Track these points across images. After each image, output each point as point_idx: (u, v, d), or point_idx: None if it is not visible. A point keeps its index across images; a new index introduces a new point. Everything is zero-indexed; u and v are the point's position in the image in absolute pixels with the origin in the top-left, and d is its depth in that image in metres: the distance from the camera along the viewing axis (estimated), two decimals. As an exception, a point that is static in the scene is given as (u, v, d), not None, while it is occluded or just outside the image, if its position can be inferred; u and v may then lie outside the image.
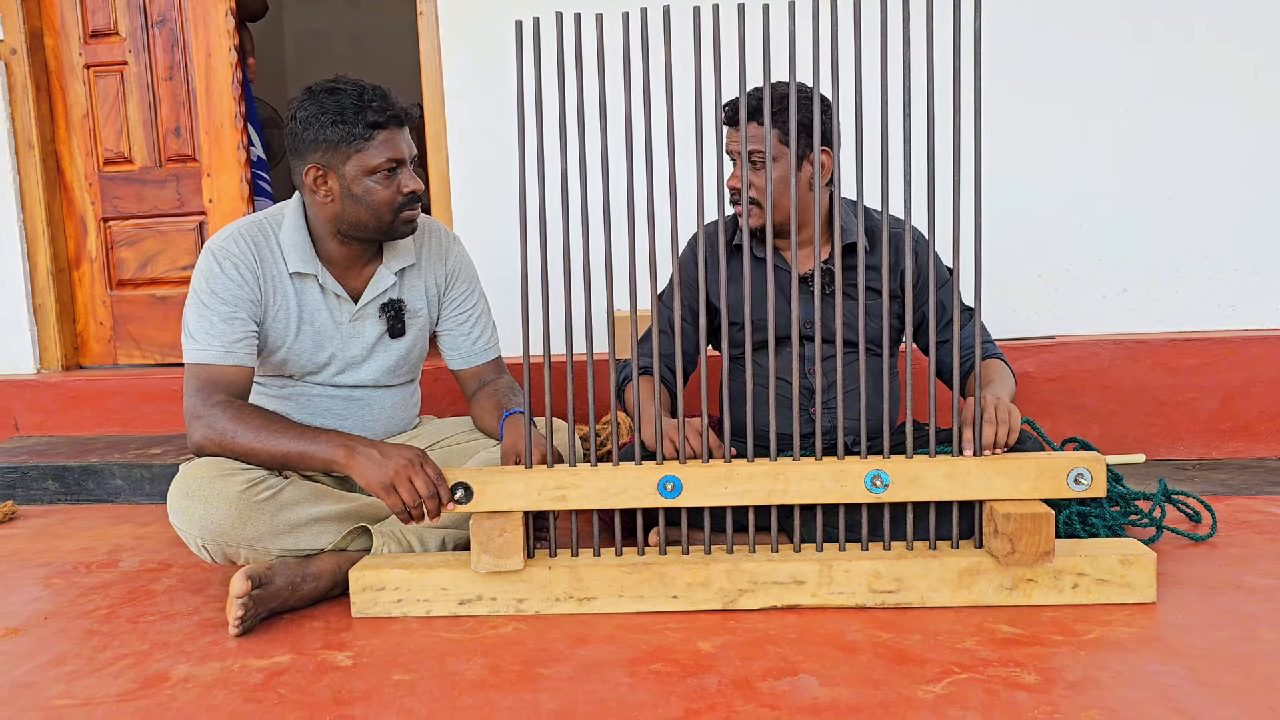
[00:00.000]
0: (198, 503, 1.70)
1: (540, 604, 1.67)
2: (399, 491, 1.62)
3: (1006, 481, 1.63)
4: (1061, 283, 2.75)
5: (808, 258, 1.99)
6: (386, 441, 1.69)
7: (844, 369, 1.85)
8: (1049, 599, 1.61)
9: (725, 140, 1.67)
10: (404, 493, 1.62)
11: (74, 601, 1.85)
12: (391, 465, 1.62)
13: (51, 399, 3.06)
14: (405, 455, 1.64)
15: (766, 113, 1.63)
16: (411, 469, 1.62)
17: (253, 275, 1.84)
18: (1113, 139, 2.72)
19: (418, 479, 1.61)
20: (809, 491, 1.65)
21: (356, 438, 1.70)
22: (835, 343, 1.68)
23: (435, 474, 1.63)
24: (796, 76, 1.71)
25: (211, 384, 1.78)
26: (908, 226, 1.63)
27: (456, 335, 2.07)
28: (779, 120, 1.81)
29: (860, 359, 1.67)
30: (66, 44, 3.25)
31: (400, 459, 1.63)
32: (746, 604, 1.64)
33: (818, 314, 1.79)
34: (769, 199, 1.82)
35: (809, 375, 1.97)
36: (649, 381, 1.96)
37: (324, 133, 1.78)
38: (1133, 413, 2.57)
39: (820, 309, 1.65)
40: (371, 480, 1.63)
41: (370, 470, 1.63)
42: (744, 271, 1.65)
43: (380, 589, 1.68)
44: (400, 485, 1.61)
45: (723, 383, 1.70)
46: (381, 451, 1.65)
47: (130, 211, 3.28)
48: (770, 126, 1.66)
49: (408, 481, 1.61)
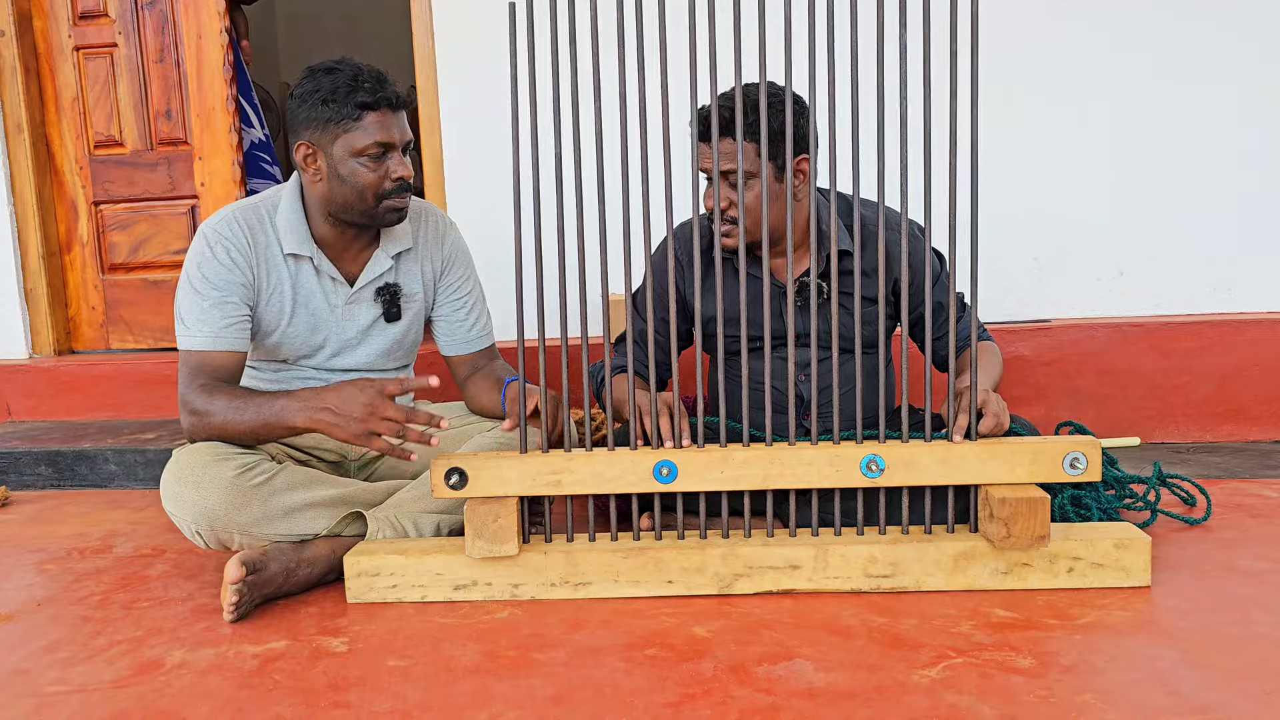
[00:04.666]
0: (191, 488, 1.69)
1: (536, 589, 1.66)
2: (379, 431, 1.62)
3: (1002, 466, 1.62)
4: (1057, 266, 2.74)
5: (798, 263, 1.94)
6: (334, 387, 1.67)
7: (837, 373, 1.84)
8: (1044, 583, 1.61)
9: (698, 157, 1.63)
10: (384, 429, 1.62)
11: (67, 587, 1.85)
12: (356, 413, 1.63)
13: (44, 384, 3.05)
14: (361, 399, 1.64)
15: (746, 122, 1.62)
16: (376, 407, 1.63)
17: (245, 259, 1.83)
18: (1109, 122, 2.71)
19: (388, 410, 1.62)
20: (805, 476, 1.64)
21: (308, 394, 1.70)
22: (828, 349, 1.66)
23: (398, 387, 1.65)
24: (793, 61, 1.69)
25: (199, 369, 1.78)
26: (905, 226, 1.62)
27: (451, 322, 2.07)
28: (752, 133, 1.74)
29: (856, 363, 1.66)
30: (55, 26, 3.22)
31: (359, 405, 1.63)
32: (742, 589, 1.64)
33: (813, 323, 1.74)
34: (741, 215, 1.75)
35: (801, 383, 1.95)
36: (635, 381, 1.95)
37: (315, 111, 1.78)
38: (1128, 396, 2.57)
39: (812, 319, 1.63)
40: (346, 435, 1.64)
41: (338, 427, 1.65)
42: (726, 284, 1.64)
43: (375, 574, 1.67)
44: (376, 426, 1.62)
45: (715, 378, 1.69)
46: (335, 406, 1.65)
47: (121, 195, 3.26)
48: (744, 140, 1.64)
49: (380, 421, 1.62)
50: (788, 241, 1.71)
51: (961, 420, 1.65)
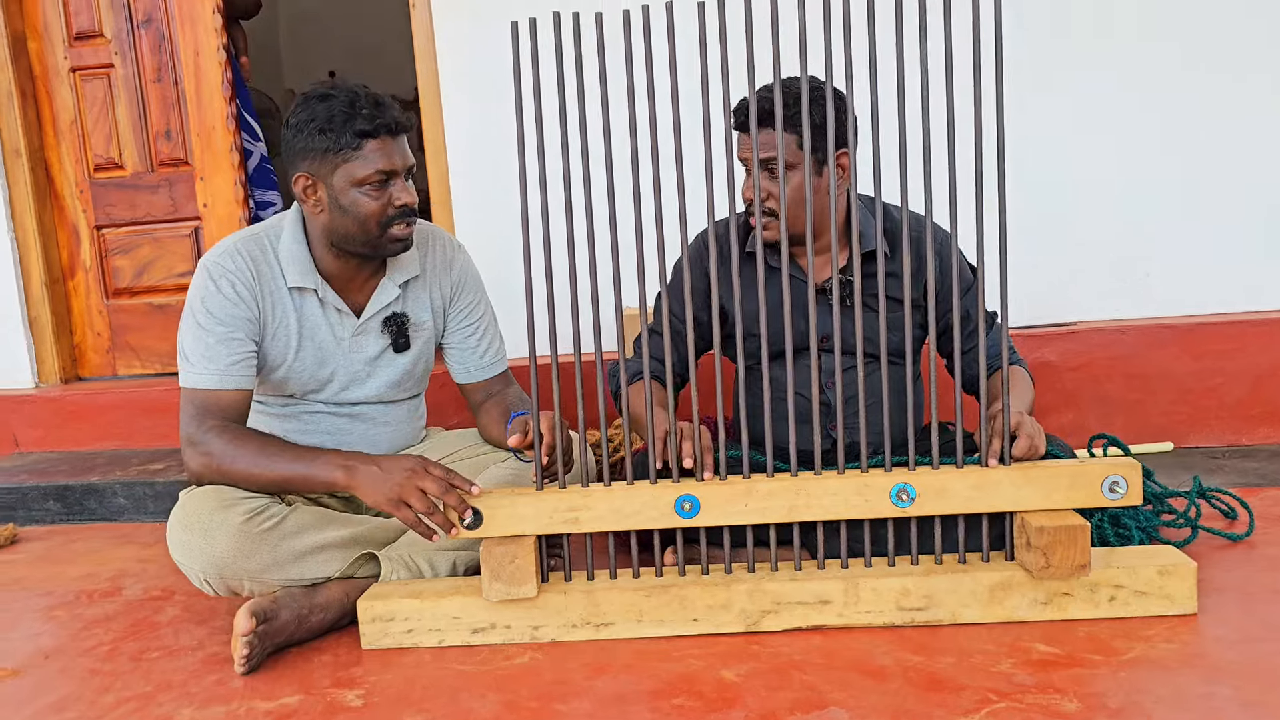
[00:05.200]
0: (197, 536, 1.64)
1: (556, 631, 1.61)
2: (410, 502, 1.56)
3: (1038, 491, 1.56)
4: (1083, 267, 2.66)
5: (824, 265, 1.90)
6: (386, 455, 1.63)
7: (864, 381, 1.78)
8: (1085, 613, 1.54)
9: (736, 146, 1.58)
10: (415, 501, 1.56)
11: (76, 636, 1.80)
12: (395, 477, 1.57)
13: (50, 414, 3.01)
14: (406, 465, 1.58)
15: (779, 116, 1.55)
16: (416, 475, 1.56)
17: (250, 293, 1.77)
18: (1134, 117, 2.63)
19: (426, 483, 1.55)
20: (832, 507, 1.58)
21: (356, 455, 1.64)
22: (855, 354, 1.61)
23: (443, 470, 1.57)
24: (808, 71, 1.63)
25: (207, 409, 1.72)
26: (929, 225, 1.55)
27: (463, 349, 2.01)
28: (793, 124, 1.72)
29: (882, 370, 1.60)
30: (50, 47, 3.17)
31: (402, 469, 1.57)
32: (770, 625, 1.58)
33: (836, 326, 1.68)
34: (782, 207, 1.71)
35: (828, 389, 1.89)
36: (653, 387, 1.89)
37: (312, 140, 1.71)
38: (1159, 400, 2.50)
39: (839, 320, 1.57)
40: (378, 497, 1.57)
41: (374, 487, 1.58)
42: (759, 282, 1.58)
43: (390, 619, 1.62)
44: (409, 496, 1.56)
45: (738, 395, 1.63)
46: (382, 466, 1.59)
47: (123, 218, 3.21)
48: (784, 131, 1.57)
49: (416, 490, 1.55)
50: (812, 237, 1.61)
51: (995, 444, 1.59)
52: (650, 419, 1.65)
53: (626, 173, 2.37)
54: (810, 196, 1.57)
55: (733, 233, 1.58)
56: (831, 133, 1.54)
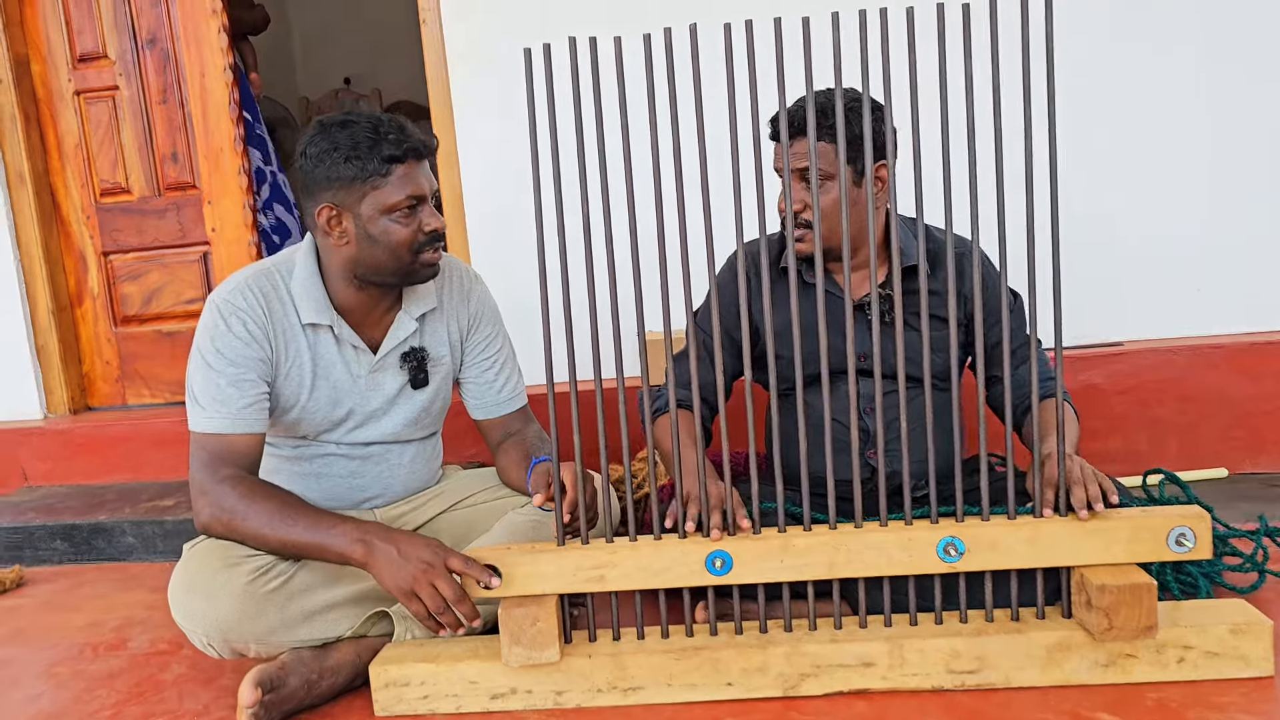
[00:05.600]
0: (200, 599, 1.55)
1: (581, 696, 1.51)
2: (422, 598, 1.46)
3: (1097, 545, 1.44)
4: (1130, 284, 2.53)
5: (862, 282, 1.80)
6: (407, 534, 1.53)
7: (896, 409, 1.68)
8: (1151, 675, 1.43)
9: (773, 157, 1.49)
10: (427, 599, 1.46)
11: (77, 699, 1.71)
12: (410, 568, 1.47)
13: (59, 446, 2.93)
14: (425, 557, 1.48)
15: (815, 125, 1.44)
16: (431, 573, 1.46)
17: (262, 331, 1.68)
18: (1185, 128, 2.50)
19: (440, 583, 1.46)
20: (874, 563, 1.47)
21: (374, 529, 1.54)
22: (896, 377, 1.51)
23: (461, 561, 1.47)
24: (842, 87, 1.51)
25: (220, 456, 1.63)
26: (975, 248, 1.44)
27: (480, 383, 1.91)
28: (833, 134, 1.62)
29: (926, 395, 1.49)
30: (54, 70, 3.09)
31: (419, 561, 1.47)
32: (809, 690, 1.48)
33: (876, 344, 1.57)
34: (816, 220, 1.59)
35: (866, 415, 1.78)
36: (684, 418, 1.78)
37: (337, 169, 1.61)
38: (1212, 424, 2.37)
39: (879, 340, 1.46)
40: (391, 585, 1.48)
41: (389, 572, 1.48)
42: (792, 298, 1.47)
43: (405, 684, 1.52)
44: (421, 590, 1.46)
45: (770, 424, 1.52)
46: (400, 550, 1.49)
47: (131, 244, 3.13)
48: (818, 141, 1.47)
49: (429, 587, 1.46)
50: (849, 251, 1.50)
51: (1048, 494, 1.48)
52: (677, 463, 1.55)
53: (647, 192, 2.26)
54: (846, 208, 1.46)
55: (763, 251, 1.47)
56: (870, 143, 1.43)
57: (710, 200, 1.43)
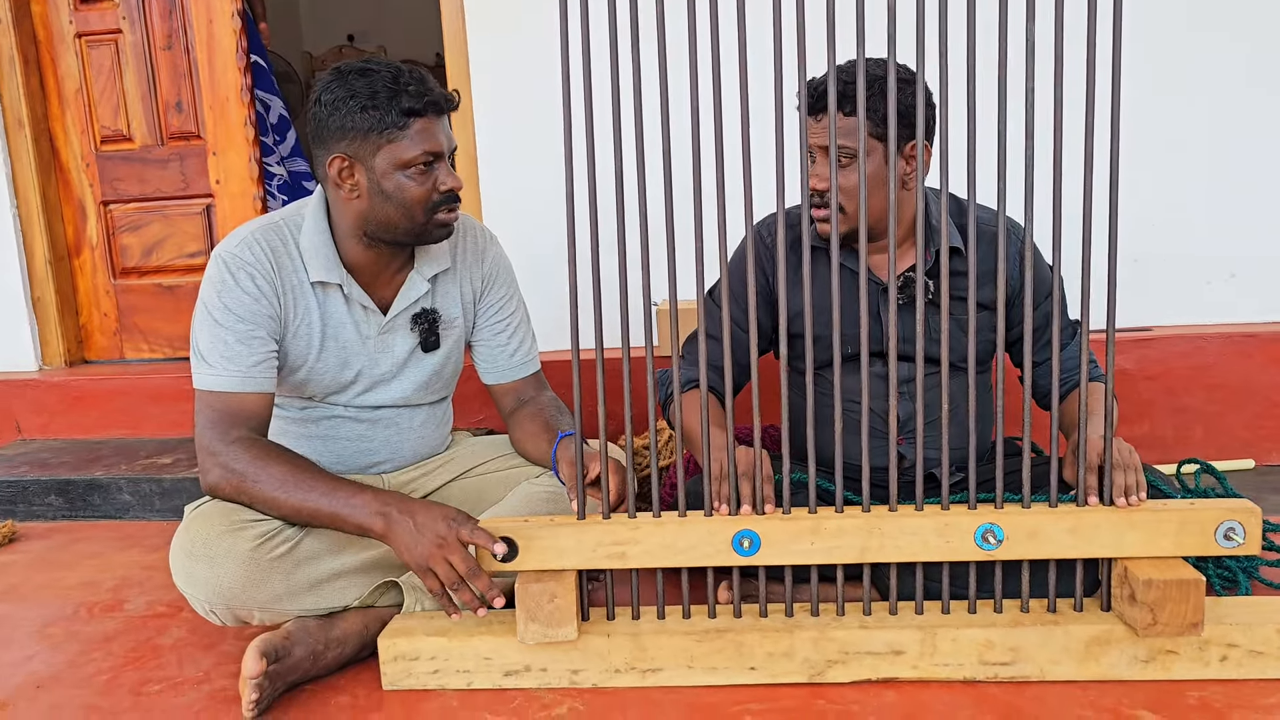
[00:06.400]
0: (203, 564, 1.48)
1: (598, 676, 1.45)
2: (437, 572, 1.40)
3: (1142, 537, 1.39)
4: (1160, 267, 2.46)
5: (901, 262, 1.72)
6: (423, 504, 1.46)
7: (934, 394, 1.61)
8: (1192, 673, 1.38)
9: (806, 132, 1.41)
10: (442, 573, 1.40)
11: (72, 662, 1.65)
12: (426, 542, 1.41)
13: (55, 399, 2.86)
14: (439, 529, 1.41)
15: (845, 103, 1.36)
16: (446, 548, 1.40)
17: (271, 287, 1.61)
18: (1221, 104, 2.42)
19: (454, 558, 1.40)
20: (909, 548, 1.41)
21: (394, 499, 1.47)
22: (938, 361, 1.44)
23: (475, 535, 1.41)
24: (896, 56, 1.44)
25: (230, 416, 1.56)
26: (1002, 222, 1.37)
27: (492, 346, 1.84)
28: (872, 110, 1.54)
29: (970, 380, 1.42)
30: (55, 11, 2.98)
31: (434, 534, 1.41)
32: (837, 677, 1.42)
33: (920, 327, 1.46)
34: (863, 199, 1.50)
35: (902, 399, 1.71)
36: (698, 399, 1.71)
37: (352, 119, 1.53)
38: (1241, 414, 2.31)
39: (917, 323, 1.40)
40: (409, 559, 1.42)
41: (407, 545, 1.42)
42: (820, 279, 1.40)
43: (414, 658, 1.47)
44: (436, 565, 1.40)
45: (794, 406, 1.46)
46: (417, 522, 1.42)
47: (132, 194, 3.04)
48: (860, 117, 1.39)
49: (444, 562, 1.40)
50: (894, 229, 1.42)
51: (1091, 480, 1.42)
52: (706, 439, 1.48)
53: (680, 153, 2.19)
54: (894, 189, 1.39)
55: (780, 227, 1.39)
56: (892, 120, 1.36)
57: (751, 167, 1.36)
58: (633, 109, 1.38)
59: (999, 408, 1.44)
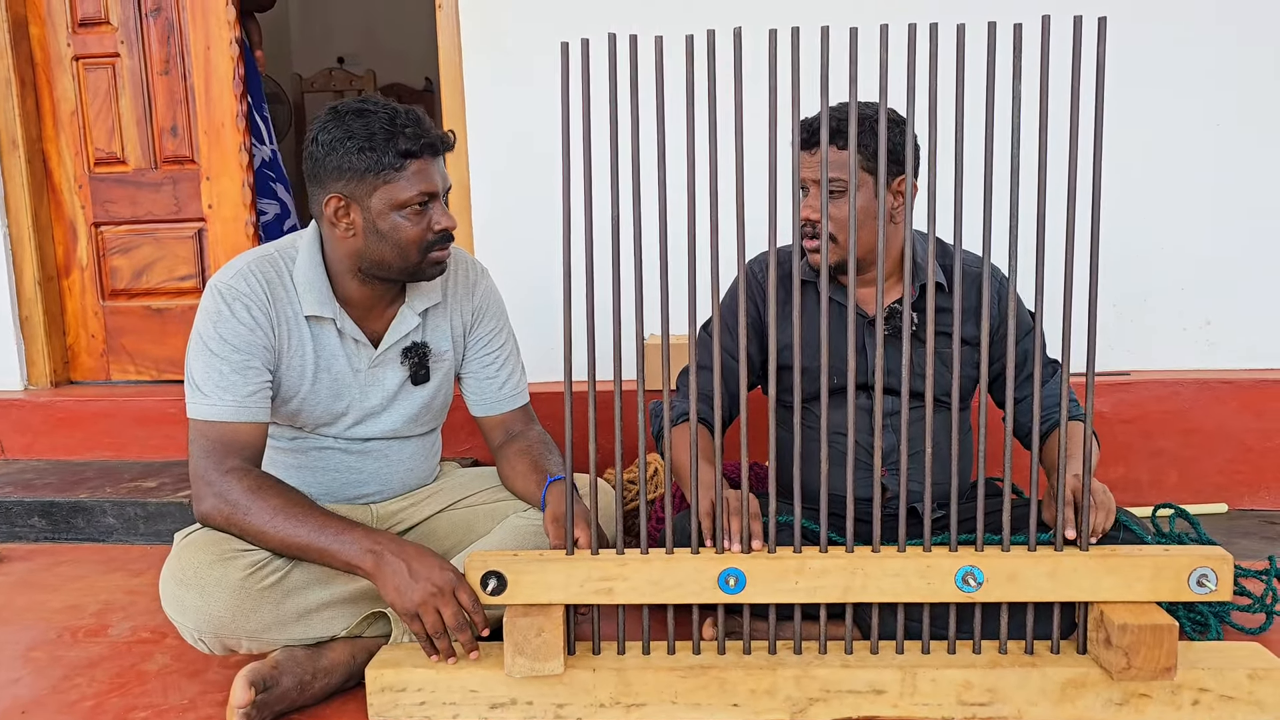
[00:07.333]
0: (193, 593, 1.49)
1: (582, 710, 1.47)
2: (424, 620, 1.43)
3: (1118, 582, 1.42)
4: (1138, 314, 2.52)
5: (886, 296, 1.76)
6: (418, 549, 1.48)
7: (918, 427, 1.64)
8: (1165, 717, 1.41)
9: (800, 166, 1.46)
10: (429, 622, 1.43)
11: (55, 687, 1.65)
12: (419, 590, 1.43)
13: (40, 419, 2.86)
14: (435, 580, 1.44)
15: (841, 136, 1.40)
16: (439, 598, 1.43)
17: (266, 318, 1.63)
18: (1194, 159, 2.49)
19: (445, 609, 1.42)
20: (891, 589, 1.44)
21: (387, 540, 1.49)
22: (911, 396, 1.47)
23: (470, 601, 1.44)
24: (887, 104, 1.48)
25: (225, 445, 1.57)
26: (986, 264, 1.41)
27: (481, 378, 1.87)
28: (861, 145, 1.59)
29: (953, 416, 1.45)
30: (53, 34, 3.01)
31: (429, 584, 1.43)
32: (818, 715, 1.45)
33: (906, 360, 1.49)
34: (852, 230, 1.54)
35: (886, 432, 1.75)
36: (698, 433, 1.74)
37: (349, 160, 1.56)
38: (1214, 459, 2.36)
39: (903, 355, 1.43)
40: (396, 602, 1.44)
41: (397, 589, 1.44)
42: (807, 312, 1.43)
43: (401, 690, 1.48)
44: (426, 613, 1.43)
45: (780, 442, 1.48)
46: (411, 568, 1.44)
47: (124, 216, 3.05)
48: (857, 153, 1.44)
49: (433, 612, 1.43)
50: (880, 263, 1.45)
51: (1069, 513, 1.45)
52: (694, 474, 1.51)
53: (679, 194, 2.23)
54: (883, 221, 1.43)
55: (772, 263, 1.43)
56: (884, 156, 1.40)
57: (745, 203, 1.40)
58: (629, 150, 1.41)
59: (980, 449, 1.48)
